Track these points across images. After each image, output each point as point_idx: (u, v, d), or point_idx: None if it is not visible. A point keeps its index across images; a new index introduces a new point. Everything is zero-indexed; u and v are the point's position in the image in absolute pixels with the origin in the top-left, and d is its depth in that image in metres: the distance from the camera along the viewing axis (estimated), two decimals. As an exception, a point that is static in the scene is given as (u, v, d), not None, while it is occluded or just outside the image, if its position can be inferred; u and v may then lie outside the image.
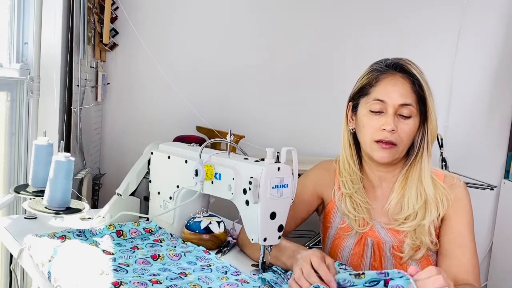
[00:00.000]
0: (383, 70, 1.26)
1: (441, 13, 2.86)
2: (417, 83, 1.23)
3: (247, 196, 1.13)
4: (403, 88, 1.22)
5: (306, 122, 2.81)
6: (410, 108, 1.22)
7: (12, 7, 1.77)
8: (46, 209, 1.35)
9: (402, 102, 1.22)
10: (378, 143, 1.24)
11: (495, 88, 2.96)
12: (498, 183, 2.98)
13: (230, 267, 1.16)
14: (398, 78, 1.23)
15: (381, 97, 1.23)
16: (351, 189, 1.32)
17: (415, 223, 1.24)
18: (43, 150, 1.48)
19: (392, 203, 1.28)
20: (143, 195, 1.52)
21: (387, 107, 1.22)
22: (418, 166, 1.26)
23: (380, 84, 1.24)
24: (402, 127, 1.22)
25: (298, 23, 2.81)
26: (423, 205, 1.25)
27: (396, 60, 1.27)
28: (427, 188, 1.25)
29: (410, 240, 1.24)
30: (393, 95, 1.22)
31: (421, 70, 1.25)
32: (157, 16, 2.68)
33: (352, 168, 1.33)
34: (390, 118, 1.22)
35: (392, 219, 1.28)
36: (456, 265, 1.20)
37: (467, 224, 1.24)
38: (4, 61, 1.71)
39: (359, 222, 1.31)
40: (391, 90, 1.23)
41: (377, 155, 1.24)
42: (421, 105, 1.24)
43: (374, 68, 1.28)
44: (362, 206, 1.31)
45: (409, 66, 1.24)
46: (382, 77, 1.25)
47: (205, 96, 2.70)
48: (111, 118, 2.70)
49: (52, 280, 1.03)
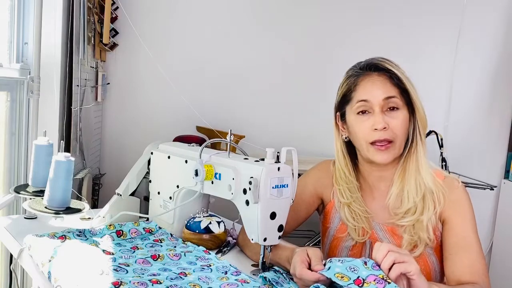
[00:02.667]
0: (359, 73, 1.26)
1: (441, 13, 2.85)
2: (394, 77, 1.23)
3: (247, 196, 1.13)
4: (383, 84, 1.23)
5: (306, 122, 2.81)
6: (395, 100, 1.22)
7: (12, 7, 1.77)
8: (46, 209, 1.35)
9: (385, 96, 1.22)
10: (374, 145, 1.23)
11: (495, 88, 2.96)
12: (498, 183, 2.97)
13: (230, 267, 1.16)
14: (375, 77, 1.24)
15: (364, 97, 1.24)
16: (349, 199, 1.32)
17: (414, 218, 1.24)
18: (43, 150, 1.48)
19: (392, 196, 1.28)
20: (143, 195, 1.52)
21: (373, 106, 1.23)
22: (414, 157, 1.26)
23: (359, 87, 1.25)
24: (393, 122, 1.22)
25: (298, 23, 2.81)
26: (422, 199, 1.24)
27: (369, 61, 1.28)
28: (426, 179, 1.24)
29: (408, 235, 1.24)
30: (374, 93, 1.23)
31: (396, 64, 1.26)
32: (157, 16, 2.68)
33: (348, 178, 1.33)
34: (378, 117, 1.22)
35: (392, 213, 1.28)
36: (460, 267, 1.18)
37: (470, 226, 1.22)
38: (4, 61, 1.71)
39: (359, 231, 1.30)
40: (371, 89, 1.23)
41: (377, 158, 1.24)
42: (406, 96, 1.24)
43: (350, 74, 1.29)
44: (361, 216, 1.30)
45: (382, 63, 1.25)
46: (359, 80, 1.26)
47: (205, 96, 2.70)
48: (111, 118, 2.70)
49: (52, 280, 1.03)
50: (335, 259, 1.00)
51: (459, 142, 2.91)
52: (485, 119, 2.97)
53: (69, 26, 1.93)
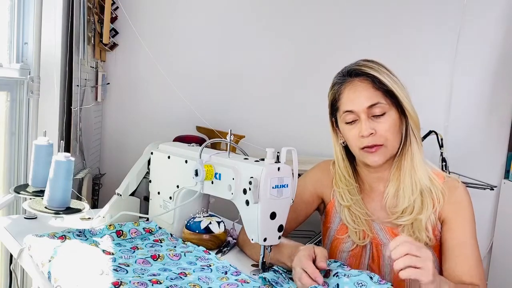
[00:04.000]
0: (341, 81, 1.27)
1: (441, 13, 2.85)
2: (376, 81, 1.22)
3: (247, 196, 1.13)
4: (365, 90, 1.22)
5: (306, 122, 2.81)
6: (380, 106, 1.22)
7: (12, 7, 1.77)
8: (46, 209, 1.35)
9: (368, 104, 1.21)
10: (365, 150, 1.24)
11: (495, 88, 2.95)
12: (498, 183, 2.97)
13: (230, 267, 1.16)
14: (357, 83, 1.23)
15: (348, 108, 1.24)
16: (349, 201, 1.32)
17: (412, 217, 1.24)
18: (43, 150, 1.48)
19: (389, 195, 1.28)
20: (143, 195, 1.52)
21: (358, 114, 1.23)
22: (409, 155, 1.26)
23: (343, 96, 1.26)
24: (380, 127, 1.22)
25: (298, 23, 2.81)
26: (420, 197, 1.24)
27: (350, 67, 1.27)
28: (421, 177, 1.24)
29: (407, 234, 1.24)
30: (357, 101, 1.22)
31: (379, 65, 1.24)
32: (157, 16, 2.68)
33: (348, 180, 1.34)
34: (364, 124, 1.22)
35: (390, 212, 1.28)
36: (459, 270, 1.19)
37: (469, 228, 1.23)
38: (4, 61, 1.71)
39: (360, 234, 1.30)
40: (353, 98, 1.23)
41: (369, 160, 1.25)
42: (392, 97, 1.23)
43: (334, 82, 1.29)
44: (362, 218, 1.30)
45: (363, 68, 1.24)
46: (342, 89, 1.26)
47: (205, 96, 2.70)
48: (111, 118, 2.70)
49: (52, 280, 1.03)
50: (341, 271, 1.04)
51: (459, 142, 2.90)
52: (485, 119, 2.97)
53: (69, 26, 1.93)
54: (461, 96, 2.92)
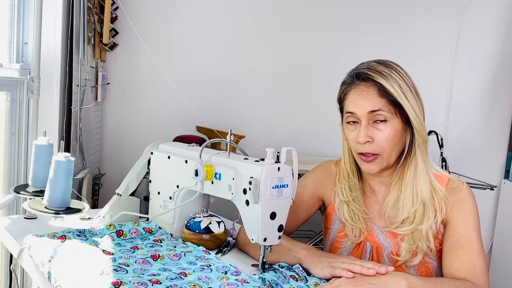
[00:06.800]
0: (349, 82, 1.25)
1: (441, 13, 2.85)
2: (382, 89, 1.19)
3: (247, 196, 1.13)
4: (369, 95, 1.20)
5: (306, 122, 2.81)
6: (381, 113, 1.19)
7: (12, 7, 1.77)
8: (46, 209, 1.35)
9: (370, 109, 1.19)
10: (361, 156, 1.24)
11: (495, 88, 2.95)
12: (498, 183, 2.97)
13: (230, 267, 1.16)
14: (363, 87, 1.21)
15: (351, 109, 1.23)
16: (348, 197, 1.32)
17: (412, 227, 1.22)
18: (43, 150, 1.48)
19: (388, 205, 1.27)
20: (143, 195, 1.52)
21: (359, 117, 1.21)
22: (412, 166, 1.23)
23: (348, 97, 1.24)
24: (378, 135, 1.20)
25: (298, 24, 2.81)
26: (421, 207, 1.22)
27: (359, 69, 1.24)
28: (423, 190, 1.22)
29: (407, 243, 1.23)
30: (359, 105, 1.21)
31: (392, 67, 1.21)
32: (157, 16, 2.68)
33: (351, 177, 1.33)
34: (362, 131, 1.20)
35: (389, 222, 1.27)
36: (457, 265, 1.17)
37: (471, 225, 1.20)
38: (4, 61, 1.71)
39: (356, 232, 1.30)
40: (357, 101, 1.21)
41: (364, 168, 1.25)
42: (397, 107, 1.20)
43: (343, 81, 1.28)
44: (359, 216, 1.30)
45: (371, 73, 1.20)
46: (348, 90, 1.24)
47: (205, 96, 2.70)
48: (111, 118, 2.70)
49: (52, 280, 1.03)
50: None
51: (459, 142, 2.91)
52: (485, 119, 2.97)
53: (69, 26, 1.93)
54: (461, 96, 2.92)
